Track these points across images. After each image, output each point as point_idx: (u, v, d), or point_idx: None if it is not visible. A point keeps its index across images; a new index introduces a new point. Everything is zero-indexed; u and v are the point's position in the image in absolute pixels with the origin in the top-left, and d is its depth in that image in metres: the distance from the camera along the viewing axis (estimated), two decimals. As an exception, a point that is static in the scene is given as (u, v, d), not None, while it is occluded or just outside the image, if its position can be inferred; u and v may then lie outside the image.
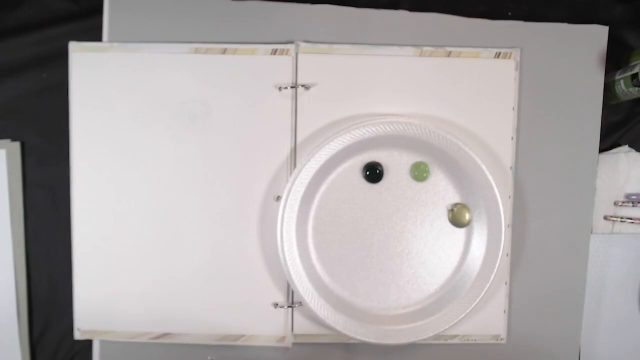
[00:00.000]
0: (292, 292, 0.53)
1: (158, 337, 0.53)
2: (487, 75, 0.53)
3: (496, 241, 0.51)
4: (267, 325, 0.53)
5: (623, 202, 0.55)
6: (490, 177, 0.50)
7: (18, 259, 0.54)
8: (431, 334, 0.51)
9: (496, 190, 0.50)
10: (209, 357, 0.50)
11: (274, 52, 0.52)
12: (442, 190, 0.53)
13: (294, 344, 0.54)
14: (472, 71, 0.53)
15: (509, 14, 0.55)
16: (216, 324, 0.53)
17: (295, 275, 0.51)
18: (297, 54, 0.52)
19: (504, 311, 0.54)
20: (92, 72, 0.53)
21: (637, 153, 0.55)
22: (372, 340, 0.51)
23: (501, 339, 0.54)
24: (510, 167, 0.53)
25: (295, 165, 0.53)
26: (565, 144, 0.54)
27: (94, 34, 0.53)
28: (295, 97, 0.53)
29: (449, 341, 0.54)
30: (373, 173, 0.53)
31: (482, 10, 0.54)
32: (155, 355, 0.54)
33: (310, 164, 0.51)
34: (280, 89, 0.53)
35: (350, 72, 0.53)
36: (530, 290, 0.54)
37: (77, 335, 0.54)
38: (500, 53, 0.53)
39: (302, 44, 0.53)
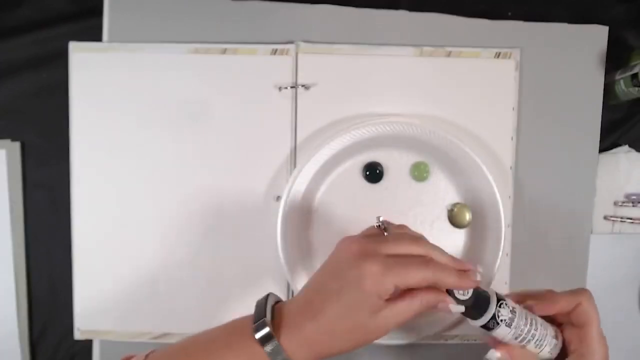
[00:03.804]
0: (292, 292, 0.53)
1: (158, 337, 0.53)
2: (487, 75, 0.53)
3: (496, 241, 0.51)
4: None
5: (623, 202, 0.55)
6: (490, 177, 0.50)
7: (18, 259, 0.54)
8: (431, 334, 0.51)
9: (496, 190, 0.50)
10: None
11: (274, 52, 0.52)
12: (442, 190, 0.53)
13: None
14: (472, 71, 0.53)
15: (509, 14, 0.54)
16: (216, 324, 0.53)
17: (295, 275, 0.51)
18: (297, 54, 0.52)
19: (504, 311, 0.54)
20: (92, 72, 0.53)
21: (637, 153, 0.55)
22: (372, 340, 0.51)
23: (501, 339, 0.54)
24: (510, 167, 0.53)
25: (295, 165, 0.53)
26: (565, 144, 0.54)
27: (94, 34, 0.53)
28: (295, 97, 0.53)
29: (449, 341, 0.54)
30: (373, 173, 0.53)
31: (482, 10, 0.54)
32: (155, 355, 0.54)
33: (310, 164, 0.51)
34: (280, 89, 0.52)
35: (350, 72, 0.53)
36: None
37: (77, 335, 0.54)
38: (500, 53, 0.53)
39: (302, 44, 0.53)
